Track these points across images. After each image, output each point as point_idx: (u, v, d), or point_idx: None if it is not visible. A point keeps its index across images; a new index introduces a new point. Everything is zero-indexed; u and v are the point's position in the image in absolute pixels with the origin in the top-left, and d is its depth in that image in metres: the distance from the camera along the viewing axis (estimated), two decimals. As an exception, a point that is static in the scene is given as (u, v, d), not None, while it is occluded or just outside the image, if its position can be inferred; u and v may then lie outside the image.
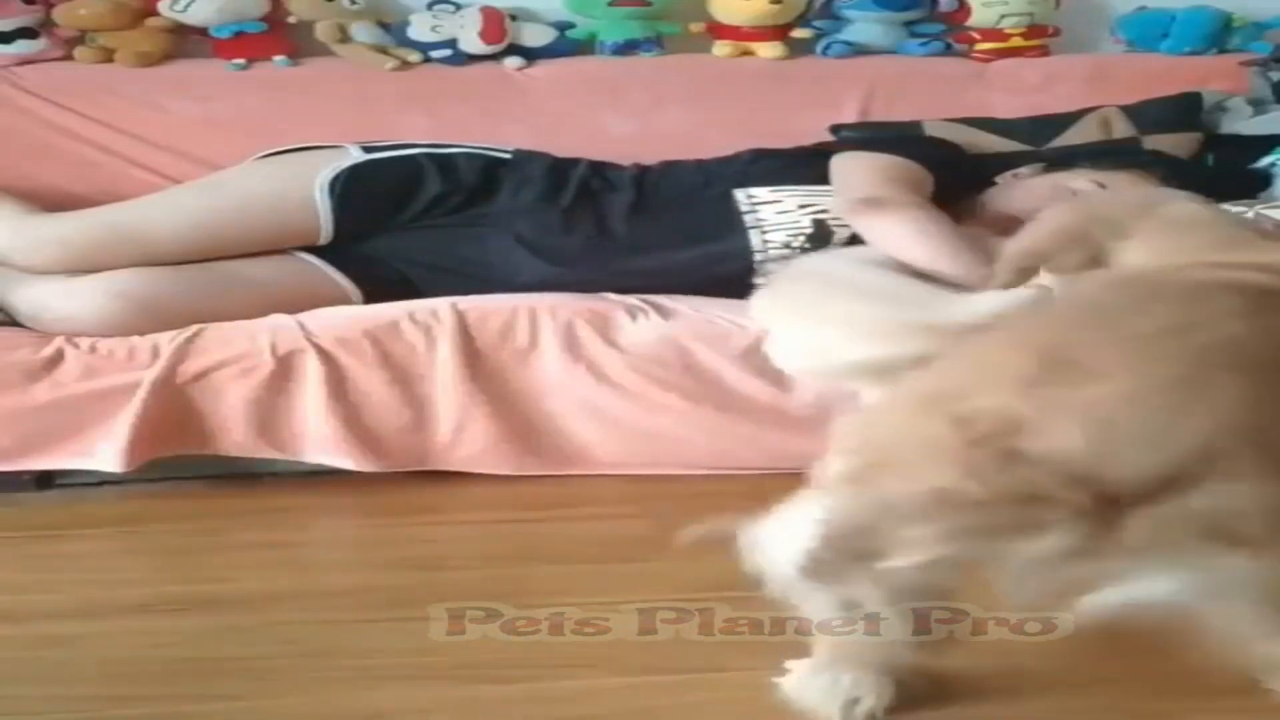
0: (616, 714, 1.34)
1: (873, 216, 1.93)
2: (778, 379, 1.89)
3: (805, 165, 2.14)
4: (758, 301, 1.72)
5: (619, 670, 1.41)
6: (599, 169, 2.18)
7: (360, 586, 1.60)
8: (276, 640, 1.46)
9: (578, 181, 2.13)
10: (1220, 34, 2.64)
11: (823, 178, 2.09)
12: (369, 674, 1.39)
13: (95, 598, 1.58)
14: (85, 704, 1.34)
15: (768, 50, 2.56)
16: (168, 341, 1.88)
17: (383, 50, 2.49)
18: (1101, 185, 2.12)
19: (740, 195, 2.08)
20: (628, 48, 2.56)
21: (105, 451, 1.86)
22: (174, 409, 1.87)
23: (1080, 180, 2.14)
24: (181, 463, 1.92)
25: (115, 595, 1.58)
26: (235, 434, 1.89)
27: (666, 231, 2.07)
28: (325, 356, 1.89)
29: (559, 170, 2.16)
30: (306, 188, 2.06)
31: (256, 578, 1.63)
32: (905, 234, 1.89)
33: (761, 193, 2.08)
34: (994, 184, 2.17)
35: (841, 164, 2.11)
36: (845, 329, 1.51)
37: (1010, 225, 1.97)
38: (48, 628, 1.48)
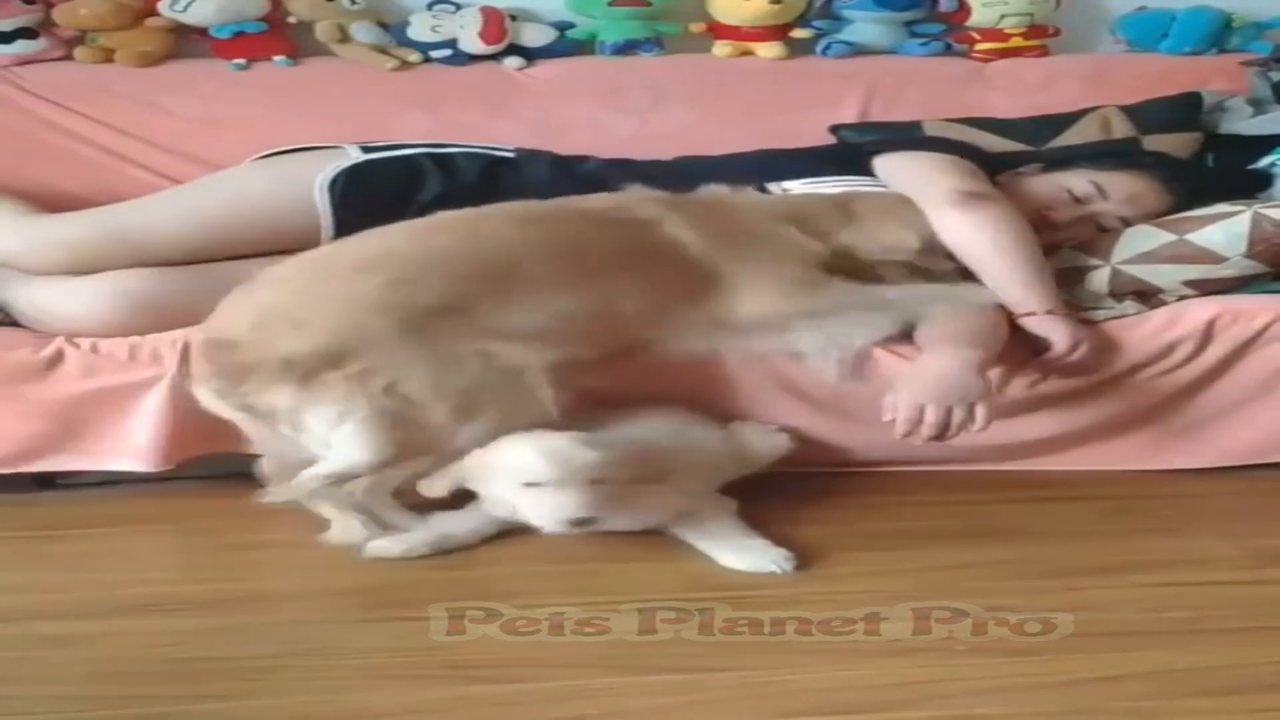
0: (616, 714, 1.34)
1: (978, 208, 1.95)
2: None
3: (832, 161, 2.16)
4: None
5: (619, 670, 1.40)
6: (615, 164, 2.18)
7: (360, 586, 1.60)
8: (276, 640, 1.46)
9: (588, 176, 2.13)
10: (1220, 34, 2.64)
11: (847, 174, 2.10)
12: (369, 674, 1.39)
13: (95, 598, 1.58)
14: (85, 704, 1.34)
15: (768, 50, 2.56)
16: (168, 344, 1.87)
17: (383, 50, 2.49)
18: (1100, 186, 2.13)
19: (774, 188, 2.10)
20: (628, 48, 2.56)
21: (106, 452, 1.87)
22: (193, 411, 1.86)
23: (1080, 180, 2.15)
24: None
25: (115, 595, 1.58)
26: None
27: None
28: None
29: (564, 167, 2.16)
30: (306, 188, 2.06)
31: (257, 577, 1.63)
32: (1005, 227, 1.92)
33: (795, 185, 2.09)
34: (995, 184, 2.17)
35: (906, 161, 2.11)
36: None
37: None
38: (48, 628, 1.48)
